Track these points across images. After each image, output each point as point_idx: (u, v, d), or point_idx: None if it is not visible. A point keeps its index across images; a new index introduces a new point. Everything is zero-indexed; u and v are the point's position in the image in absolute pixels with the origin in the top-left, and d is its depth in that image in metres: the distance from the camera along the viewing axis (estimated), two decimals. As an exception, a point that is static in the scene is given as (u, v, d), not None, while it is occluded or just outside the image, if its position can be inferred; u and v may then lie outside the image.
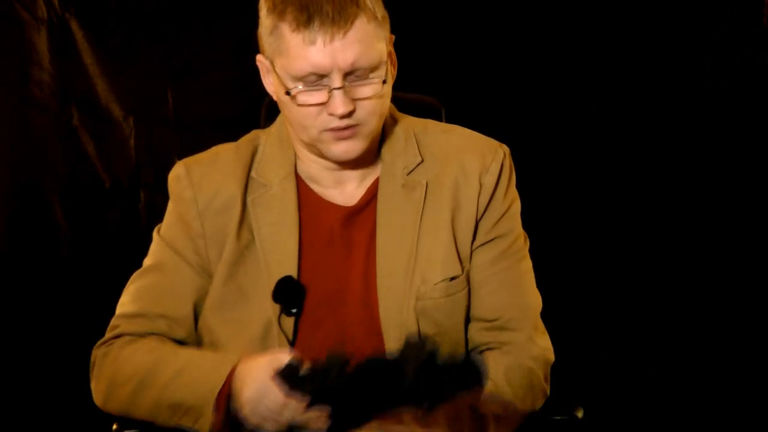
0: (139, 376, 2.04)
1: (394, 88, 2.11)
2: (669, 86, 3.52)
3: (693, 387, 3.54)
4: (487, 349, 2.13)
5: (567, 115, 3.51)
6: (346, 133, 2.02)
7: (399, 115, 2.18)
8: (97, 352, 2.12)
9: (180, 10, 3.48)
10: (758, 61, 3.50)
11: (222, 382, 1.95)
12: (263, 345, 2.06)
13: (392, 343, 2.06)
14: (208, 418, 1.95)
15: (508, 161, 2.15)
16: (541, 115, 3.50)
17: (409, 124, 2.17)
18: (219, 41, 3.50)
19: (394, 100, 2.15)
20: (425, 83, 2.48)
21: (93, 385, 2.12)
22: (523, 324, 2.13)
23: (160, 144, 3.51)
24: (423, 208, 2.10)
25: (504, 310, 2.12)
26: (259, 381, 1.91)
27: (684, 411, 3.54)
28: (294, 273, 2.07)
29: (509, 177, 2.15)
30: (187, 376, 2.00)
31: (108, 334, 2.13)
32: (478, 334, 2.14)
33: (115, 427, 2.17)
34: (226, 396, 1.95)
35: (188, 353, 2.06)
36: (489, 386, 2.05)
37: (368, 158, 2.12)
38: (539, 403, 2.12)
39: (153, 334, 2.11)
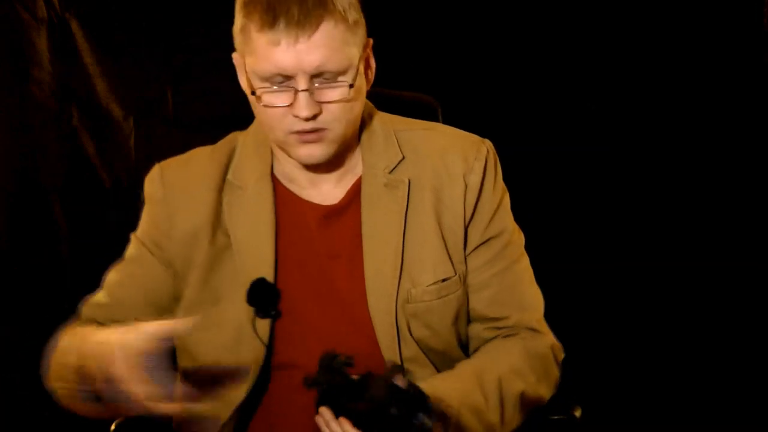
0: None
1: (390, 86, 2.10)
2: (669, 86, 3.52)
3: (691, 387, 3.54)
4: (499, 337, 2.13)
5: (565, 114, 3.51)
6: (311, 136, 1.99)
7: (378, 113, 2.15)
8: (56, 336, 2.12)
9: (180, 10, 3.49)
10: (758, 62, 3.50)
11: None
12: (237, 348, 2.05)
13: (385, 344, 2.05)
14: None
15: (492, 156, 2.13)
16: (538, 114, 3.50)
17: (388, 121, 2.15)
18: (219, 41, 3.48)
19: (390, 99, 2.15)
20: (421, 82, 2.49)
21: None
22: (532, 323, 2.13)
23: (160, 144, 3.51)
24: (407, 207, 2.08)
25: (509, 311, 2.11)
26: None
27: (682, 411, 3.54)
28: (270, 275, 2.05)
29: (495, 173, 2.12)
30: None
31: (79, 316, 2.16)
32: (485, 332, 2.12)
33: (113, 427, 2.17)
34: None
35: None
36: (508, 370, 2.05)
37: (342, 160, 2.11)
38: (551, 391, 2.11)
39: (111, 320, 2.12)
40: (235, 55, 2.07)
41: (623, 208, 3.55)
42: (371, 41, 2.05)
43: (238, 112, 3.37)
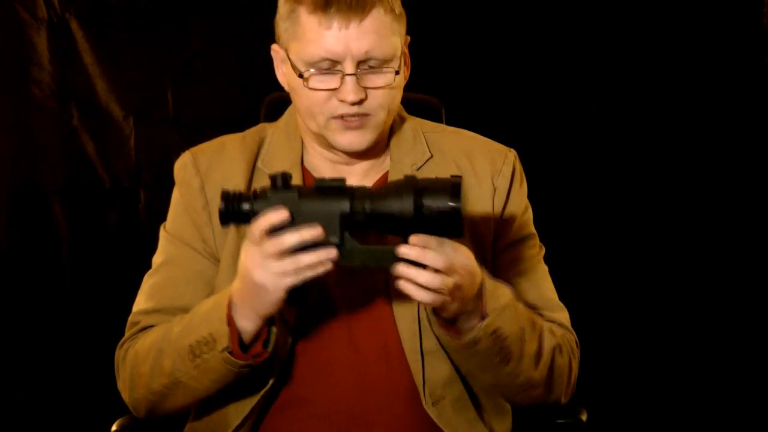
0: (155, 346, 2.02)
1: (396, 87, 2.10)
2: (669, 86, 3.52)
3: (698, 390, 3.54)
4: None
5: (568, 114, 3.51)
6: (354, 122, 2.01)
7: (407, 115, 2.18)
8: (119, 353, 2.11)
9: (180, 10, 3.49)
10: (758, 62, 3.50)
11: (227, 299, 1.93)
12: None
13: (406, 337, 2.05)
14: (224, 334, 1.92)
15: (519, 165, 2.15)
16: (541, 114, 3.50)
17: (417, 123, 2.18)
18: (219, 41, 3.50)
19: (396, 99, 2.15)
20: (425, 82, 2.48)
21: (119, 385, 2.09)
22: (563, 322, 2.13)
23: (160, 144, 3.51)
24: None
25: (539, 309, 2.12)
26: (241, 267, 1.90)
27: (689, 414, 3.54)
28: None
29: (521, 180, 2.15)
30: (195, 318, 1.98)
31: (128, 332, 2.11)
32: None
33: (115, 427, 2.16)
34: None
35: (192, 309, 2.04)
36: (548, 326, 2.05)
37: (373, 154, 2.12)
38: (568, 390, 2.11)
39: None
40: (274, 47, 2.07)
41: (627, 209, 3.55)
42: (409, 38, 2.08)
43: (237, 112, 3.39)
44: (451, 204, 1.81)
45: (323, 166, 2.12)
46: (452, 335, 1.95)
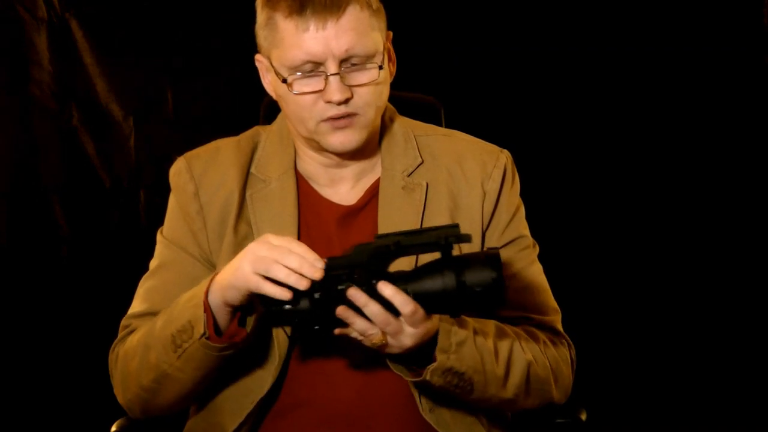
0: (141, 342, 2.02)
1: (393, 87, 2.10)
2: (669, 85, 3.52)
3: (697, 390, 3.54)
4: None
5: (566, 115, 3.52)
6: (342, 122, 2.01)
7: (399, 117, 2.17)
8: (111, 356, 2.11)
9: (180, 10, 3.49)
10: (758, 62, 3.50)
11: (206, 285, 1.94)
12: (261, 335, 2.04)
13: None
14: (200, 319, 1.93)
15: (511, 166, 2.14)
16: (540, 115, 3.50)
17: (409, 126, 2.16)
18: (219, 41, 3.51)
19: (393, 99, 2.14)
20: (424, 83, 2.49)
21: (114, 388, 2.10)
22: (554, 325, 2.12)
23: (160, 144, 3.52)
24: (424, 210, 2.08)
25: (530, 312, 2.11)
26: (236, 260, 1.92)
27: (688, 414, 3.54)
28: None
29: (512, 182, 2.14)
30: (176, 308, 1.99)
31: (120, 335, 2.11)
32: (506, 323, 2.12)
33: (114, 428, 2.16)
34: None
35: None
36: (526, 339, 2.04)
37: (365, 157, 2.11)
38: (563, 394, 2.11)
39: None
40: (258, 57, 2.07)
41: (623, 209, 3.55)
42: (391, 34, 2.07)
43: (237, 112, 3.40)
44: (493, 276, 1.82)
45: (316, 170, 2.12)
46: (404, 372, 1.96)
